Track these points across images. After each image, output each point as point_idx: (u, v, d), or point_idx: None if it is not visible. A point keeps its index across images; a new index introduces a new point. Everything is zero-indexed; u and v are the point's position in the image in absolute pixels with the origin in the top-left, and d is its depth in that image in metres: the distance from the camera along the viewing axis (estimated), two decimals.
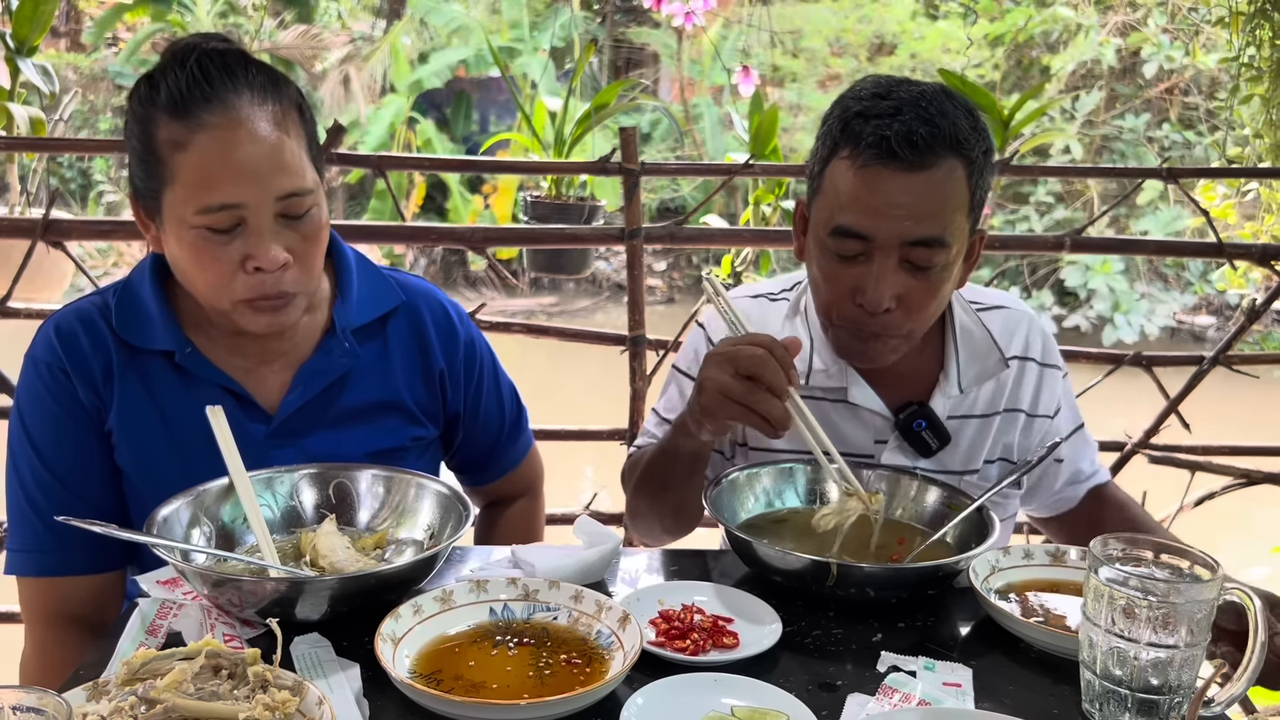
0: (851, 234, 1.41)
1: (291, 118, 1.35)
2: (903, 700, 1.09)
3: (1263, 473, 2.73)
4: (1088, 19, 9.86)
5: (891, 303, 1.42)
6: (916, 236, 1.39)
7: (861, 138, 1.39)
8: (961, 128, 1.40)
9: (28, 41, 3.00)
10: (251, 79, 1.32)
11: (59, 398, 1.41)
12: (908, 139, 1.37)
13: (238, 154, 1.28)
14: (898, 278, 1.41)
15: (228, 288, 1.33)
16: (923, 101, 1.40)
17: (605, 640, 1.14)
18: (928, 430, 1.57)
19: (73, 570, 1.42)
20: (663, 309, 10.96)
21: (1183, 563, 1.07)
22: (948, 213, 1.40)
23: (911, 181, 1.38)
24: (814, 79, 10.94)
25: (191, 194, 1.28)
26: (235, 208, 1.29)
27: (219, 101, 1.28)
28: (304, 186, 1.33)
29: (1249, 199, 4.29)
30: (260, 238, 1.31)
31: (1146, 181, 2.93)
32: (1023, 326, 1.65)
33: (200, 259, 1.31)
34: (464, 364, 1.59)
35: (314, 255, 1.38)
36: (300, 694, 0.98)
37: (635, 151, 2.47)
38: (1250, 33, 3.46)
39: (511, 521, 1.76)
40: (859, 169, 1.40)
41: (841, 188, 1.42)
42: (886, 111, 1.39)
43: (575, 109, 3.27)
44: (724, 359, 1.33)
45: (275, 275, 1.33)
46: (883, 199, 1.39)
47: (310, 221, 1.35)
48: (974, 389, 1.60)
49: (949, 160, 1.39)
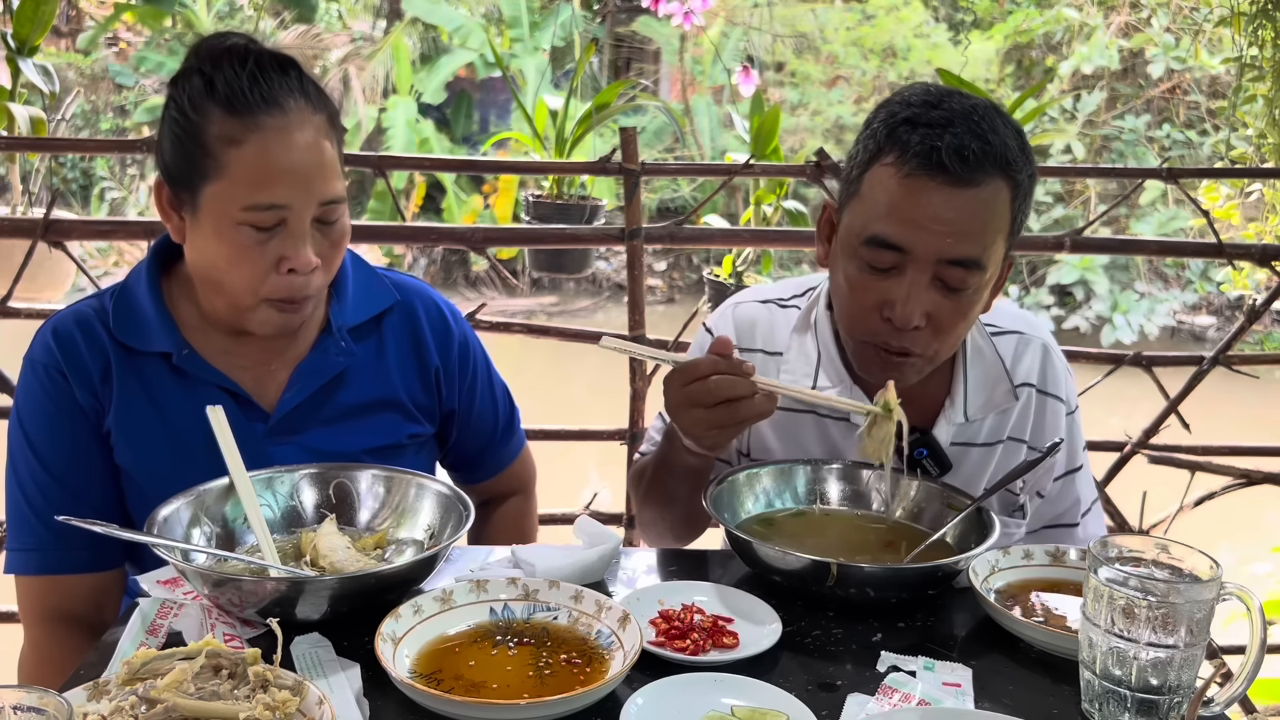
0: (887, 245, 1.36)
1: (330, 124, 1.39)
2: (902, 700, 1.09)
3: (1263, 473, 2.73)
4: (1093, 19, 9.86)
5: (921, 320, 1.37)
6: (955, 255, 1.35)
7: (909, 145, 1.34)
8: (1011, 148, 1.35)
9: (29, 41, 3.01)
10: (304, 86, 1.37)
11: (56, 399, 1.42)
12: (958, 152, 1.32)
13: (291, 157, 1.32)
14: (929, 295, 1.37)
15: (258, 287, 1.36)
16: (975, 115, 1.35)
17: (605, 640, 1.14)
18: (929, 459, 1.52)
19: (71, 569, 1.43)
20: (663, 309, 10.95)
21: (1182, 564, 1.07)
22: (989, 234, 1.36)
23: (956, 197, 1.33)
24: (818, 79, 10.94)
25: (241, 190, 1.32)
26: (282, 208, 1.33)
27: (276, 105, 1.33)
28: (341, 195, 1.38)
29: (1252, 199, 4.29)
30: (299, 240, 1.35)
31: (1147, 182, 2.93)
32: (1030, 352, 1.58)
33: (238, 255, 1.34)
34: (458, 362, 1.61)
35: (336, 260, 1.43)
36: (300, 694, 0.98)
37: (635, 151, 2.47)
38: (1252, 33, 3.46)
39: (504, 520, 1.76)
40: (903, 178, 1.34)
41: (881, 195, 1.36)
42: (937, 121, 1.34)
43: (575, 109, 3.28)
44: (686, 400, 1.33)
45: (305, 278, 1.37)
46: (925, 212, 1.33)
47: (339, 229, 1.40)
48: (980, 417, 1.55)
49: (996, 180, 1.34)
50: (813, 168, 2.52)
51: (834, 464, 1.52)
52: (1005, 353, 1.57)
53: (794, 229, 3.06)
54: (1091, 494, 1.67)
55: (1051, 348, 1.61)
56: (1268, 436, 2.86)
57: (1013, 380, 1.55)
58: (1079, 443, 1.64)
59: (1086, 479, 1.66)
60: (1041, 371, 1.58)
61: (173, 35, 10.76)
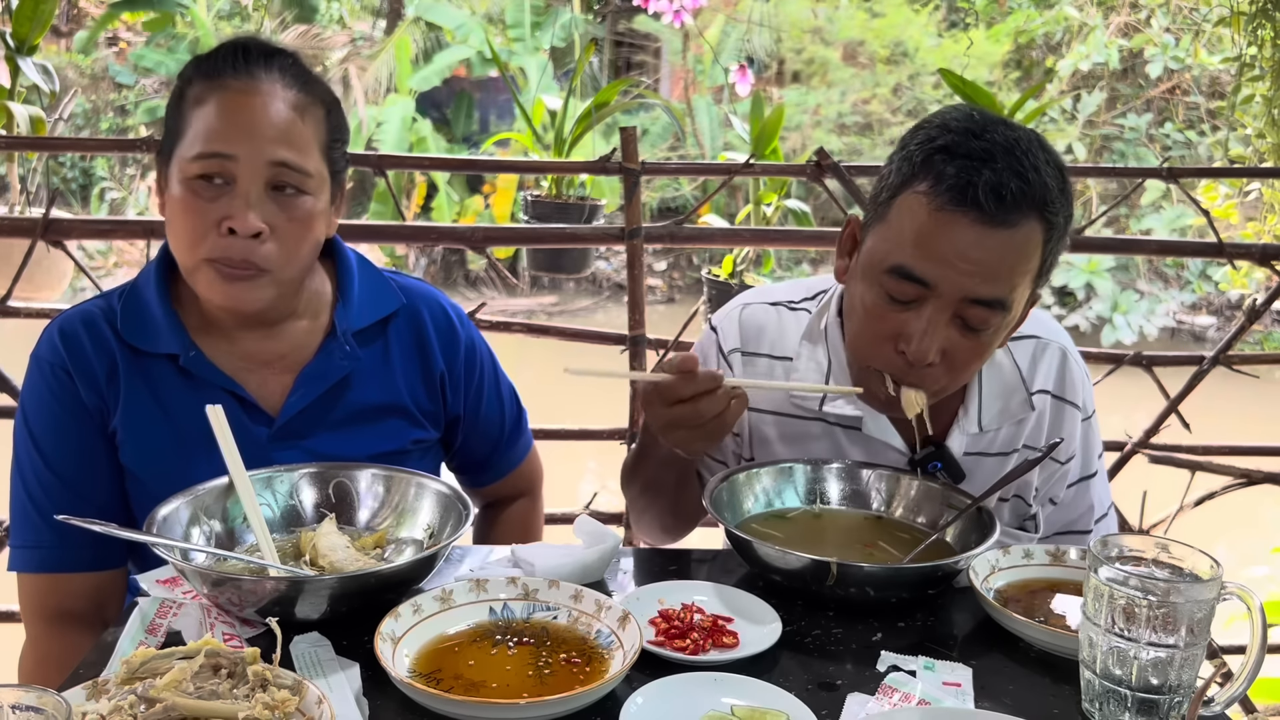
0: (911, 278, 1.31)
1: (314, 112, 1.40)
2: (902, 700, 1.09)
3: (1263, 473, 2.73)
4: (1093, 19, 9.87)
5: (936, 357, 1.33)
6: (979, 295, 1.30)
7: (944, 176, 1.28)
8: (1051, 188, 1.30)
9: (28, 40, 3.00)
10: (286, 66, 1.39)
11: (62, 398, 1.42)
12: (995, 190, 1.26)
13: (244, 113, 1.34)
14: (947, 332, 1.32)
15: (199, 244, 1.35)
16: (1017, 151, 1.28)
17: (605, 639, 1.14)
18: (943, 471, 1.49)
19: (73, 567, 1.43)
20: (663, 309, 10.96)
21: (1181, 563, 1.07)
22: (1017, 275, 1.31)
23: (988, 237, 1.27)
24: (819, 79, 10.94)
25: (194, 143, 1.34)
26: (228, 158, 1.33)
27: (246, 72, 1.36)
28: (301, 164, 1.36)
29: (1251, 199, 4.29)
30: (243, 200, 1.34)
31: (1148, 181, 2.93)
32: (1047, 357, 1.55)
33: (184, 211, 1.35)
34: (464, 366, 1.60)
35: (295, 237, 1.38)
36: (300, 693, 0.98)
37: (635, 151, 2.47)
38: (1252, 33, 3.46)
39: (510, 522, 1.76)
40: (934, 210, 1.29)
41: (910, 225, 1.31)
42: (977, 153, 1.28)
43: (575, 108, 3.27)
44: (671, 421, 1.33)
45: (247, 243, 1.34)
46: (954, 249, 1.28)
47: (300, 205, 1.38)
48: (995, 427, 1.52)
49: (1031, 221, 1.29)
50: (813, 167, 2.51)
51: (834, 464, 1.52)
52: (1022, 359, 1.54)
53: (794, 229, 3.06)
54: (1107, 501, 1.65)
55: (1070, 353, 1.57)
56: (1268, 436, 2.85)
57: (1029, 388, 1.52)
58: (1094, 449, 1.61)
59: (1102, 486, 1.63)
60: (1059, 377, 1.55)
61: (171, 36, 10.76)
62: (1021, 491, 1.56)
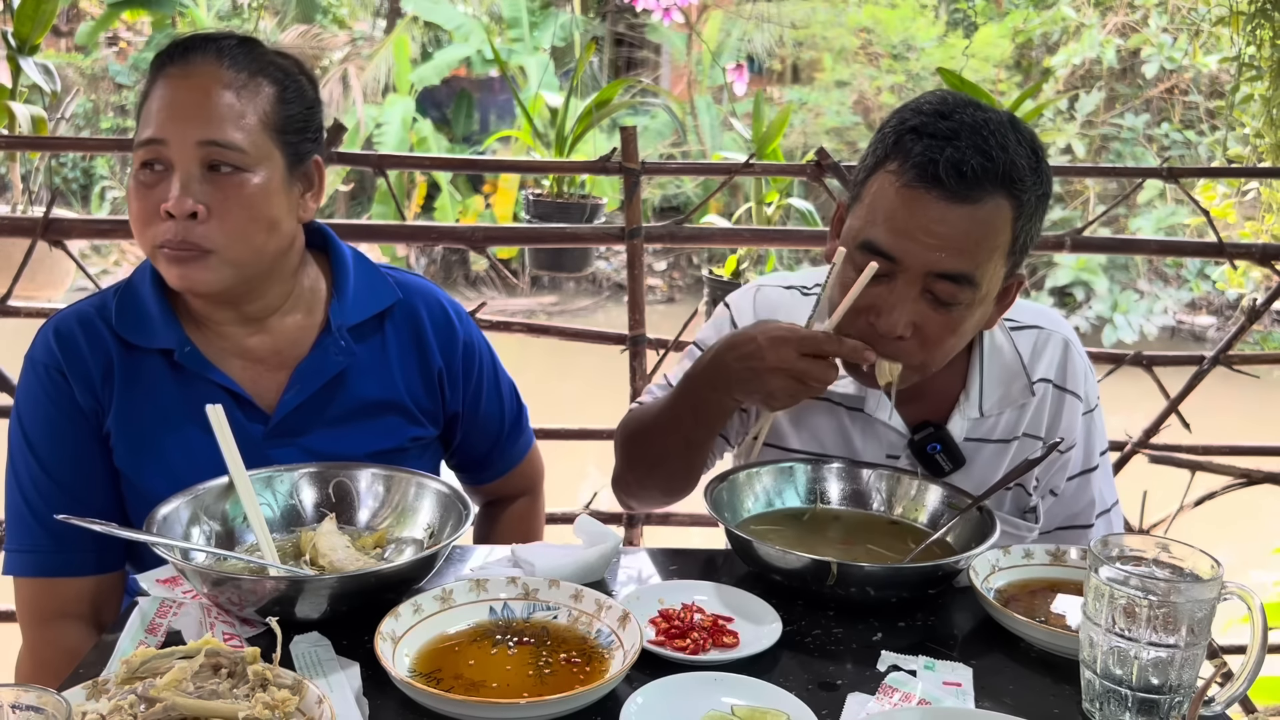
0: (878, 252, 1.35)
1: (256, 88, 1.39)
2: (903, 699, 1.09)
3: (1263, 473, 2.73)
4: (1089, 19, 9.87)
5: (906, 330, 1.35)
6: (944, 269, 1.33)
7: (911, 154, 1.33)
8: (1019, 166, 1.33)
9: (29, 40, 3.01)
10: (226, 48, 1.39)
11: (57, 400, 1.41)
12: (956, 167, 1.30)
13: (175, 97, 1.37)
14: (917, 306, 1.35)
15: (145, 232, 1.37)
16: (985, 130, 1.32)
17: (605, 639, 1.14)
18: (942, 453, 1.51)
19: (70, 571, 1.42)
20: (663, 308, 10.96)
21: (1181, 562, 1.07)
22: (983, 251, 1.33)
23: (950, 212, 1.31)
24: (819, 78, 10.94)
25: (138, 134, 1.38)
26: (158, 144, 1.35)
27: (183, 59, 1.38)
28: (230, 140, 1.35)
29: (1249, 199, 4.29)
30: (176, 183, 1.34)
31: (1146, 181, 2.93)
32: (1049, 347, 1.57)
33: (132, 198, 1.38)
34: (462, 364, 1.59)
35: (234, 214, 1.36)
36: (300, 693, 0.98)
37: (636, 150, 2.47)
38: (1251, 32, 3.46)
39: (511, 520, 1.75)
40: (900, 187, 1.33)
41: (880, 203, 1.36)
42: (943, 133, 1.32)
43: (576, 107, 3.27)
44: (794, 371, 1.34)
45: (184, 224, 1.34)
46: (917, 223, 1.32)
47: (236, 182, 1.36)
48: (995, 413, 1.54)
49: (996, 198, 1.32)
50: (814, 167, 2.51)
51: (834, 463, 1.52)
52: (1024, 348, 1.56)
53: (794, 229, 3.06)
54: (1111, 497, 1.65)
55: (1072, 344, 1.59)
56: (1268, 436, 2.85)
57: (1030, 376, 1.54)
58: (1096, 443, 1.62)
59: (1105, 480, 1.64)
60: (1061, 367, 1.57)
61: (171, 36, 10.75)
62: (1023, 482, 1.56)
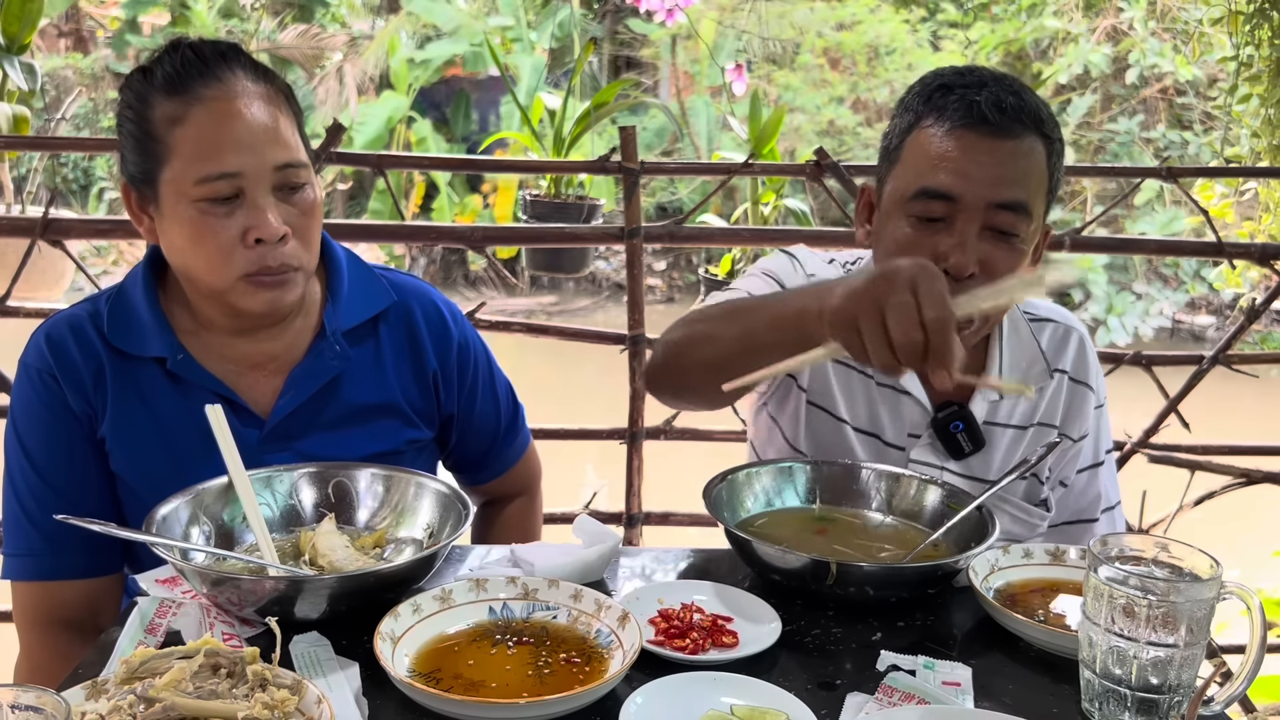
0: (938, 195, 1.40)
1: (281, 100, 1.39)
2: (902, 699, 1.08)
3: (1263, 472, 2.73)
4: (1077, 26, 9.88)
5: (975, 267, 1.39)
6: (1004, 199, 1.38)
7: (947, 106, 1.41)
8: (1042, 110, 1.42)
9: (17, 39, 3.00)
10: (243, 61, 1.37)
11: (50, 404, 1.41)
12: (997, 105, 1.38)
13: (235, 124, 1.32)
14: (981, 244, 1.40)
15: (229, 264, 1.34)
16: (1006, 79, 1.43)
17: (605, 639, 1.14)
18: (964, 433, 1.54)
19: (67, 574, 1.42)
20: (662, 308, 10.96)
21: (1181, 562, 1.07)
22: (1032, 182, 1.40)
23: (999, 147, 1.39)
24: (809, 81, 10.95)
25: (190, 166, 1.31)
26: (234, 176, 1.32)
27: (214, 77, 1.33)
28: (300, 159, 1.37)
29: (1246, 198, 4.29)
30: (259, 209, 1.33)
31: (1144, 182, 2.93)
32: (1065, 340, 1.62)
33: (200, 235, 1.33)
34: (457, 365, 1.59)
35: (311, 230, 1.40)
36: (299, 693, 0.98)
37: (635, 151, 2.47)
38: (1249, 32, 3.46)
39: (509, 520, 1.75)
40: (945, 134, 1.40)
41: (924, 155, 1.41)
42: (972, 83, 1.41)
43: (574, 108, 3.27)
44: (938, 303, 1.09)
45: (275, 248, 1.35)
46: (971, 159, 1.38)
47: (307, 198, 1.38)
48: (1014, 397, 1.57)
49: (1032, 136, 1.40)
50: (813, 167, 2.51)
51: (834, 463, 1.52)
52: (1042, 338, 1.60)
53: (793, 229, 3.05)
54: (1115, 495, 1.69)
55: (1086, 339, 1.64)
56: (1268, 436, 2.85)
57: (1050, 363, 1.59)
58: (1104, 439, 1.66)
59: (1110, 478, 1.68)
60: (1076, 359, 1.62)
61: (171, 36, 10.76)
62: (1036, 472, 1.59)
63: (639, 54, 11.69)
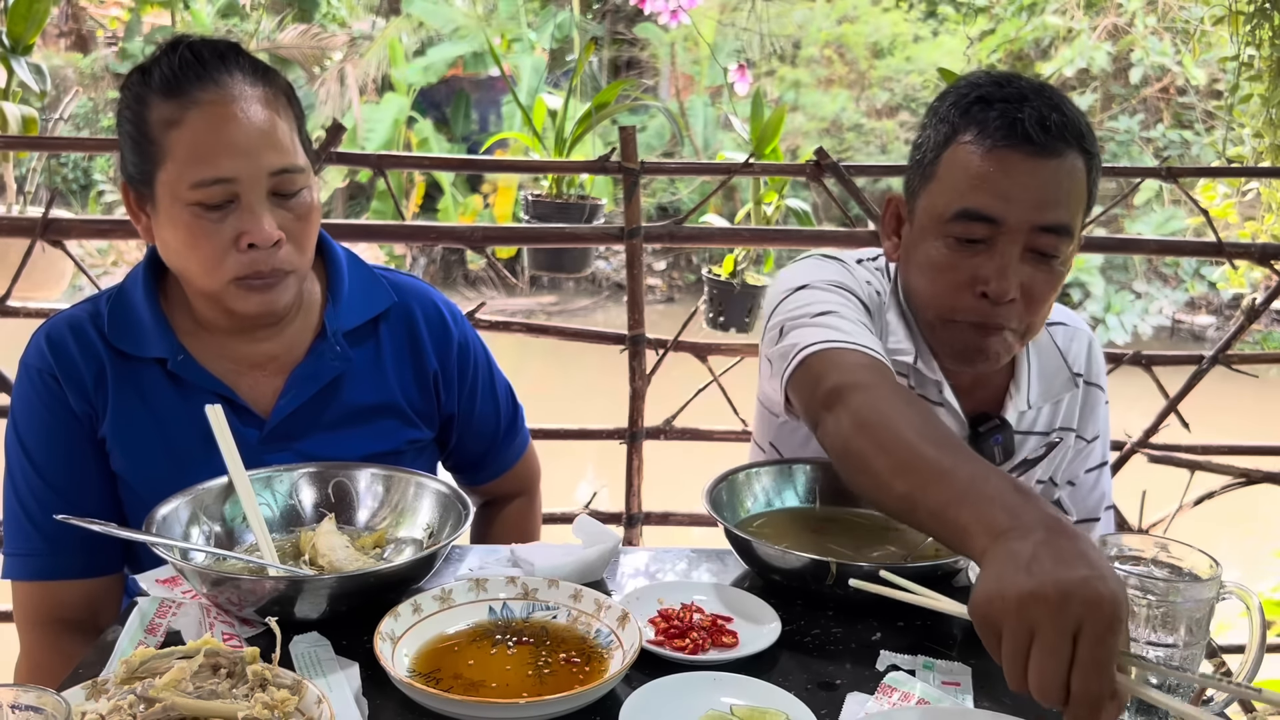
0: (979, 217, 1.35)
1: (281, 102, 1.38)
2: (902, 699, 1.09)
3: (1262, 472, 2.73)
4: (1078, 23, 9.88)
5: (1016, 292, 1.36)
6: (1047, 222, 1.34)
7: (987, 122, 1.35)
8: (1084, 123, 1.38)
9: (23, 40, 3.00)
10: (242, 63, 1.36)
11: (50, 404, 1.41)
12: (1040, 123, 1.33)
13: (231, 129, 1.31)
14: (1022, 267, 1.36)
15: (221, 267, 1.34)
16: (1046, 91, 1.37)
17: (604, 639, 1.14)
18: (1000, 446, 1.52)
19: (67, 574, 1.42)
20: (662, 308, 10.97)
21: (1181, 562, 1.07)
22: (1074, 202, 1.36)
23: (1042, 167, 1.33)
24: (811, 80, 10.95)
25: (185, 169, 1.31)
26: (228, 182, 1.31)
27: (211, 80, 1.32)
28: (296, 164, 1.36)
29: (1248, 199, 4.28)
30: (253, 214, 1.32)
31: (1144, 182, 2.93)
32: (1077, 342, 1.62)
33: (194, 237, 1.33)
34: (457, 365, 1.59)
35: (306, 234, 1.39)
36: (299, 693, 0.98)
37: (635, 151, 2.47)
38: (1250, 32, 3.46)
39: (508, 520, 1.75)
40: (986, 151, 1.34)
41: (964, 172, 1.36)
42: (1012, 97, 1.36)
43: (575, 109, 3.27)
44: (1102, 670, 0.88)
45: (268, 252, 1.34)
46: (1014, 181, 1.33)
47: (303, 202, 1.38)
48: (1039, 405, 1.56)
49: (1074, 154, 1.36)
50: (813, 167, 2.51)
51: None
52: (1060, 342, 1.60)
53: (794, 229, 3.05)
54: (1111, 494, 1.70)
55: (1094, 339, 1.64)
56: (1268, 436, 2.85)
57: (1071, 368, 1.58)
58: (1108, 440, 1.67)
59: (1108, 478, 1.69)
60: (1088, 362, 1.62)
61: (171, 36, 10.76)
62: (1053, 474, 1.60)
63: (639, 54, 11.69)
